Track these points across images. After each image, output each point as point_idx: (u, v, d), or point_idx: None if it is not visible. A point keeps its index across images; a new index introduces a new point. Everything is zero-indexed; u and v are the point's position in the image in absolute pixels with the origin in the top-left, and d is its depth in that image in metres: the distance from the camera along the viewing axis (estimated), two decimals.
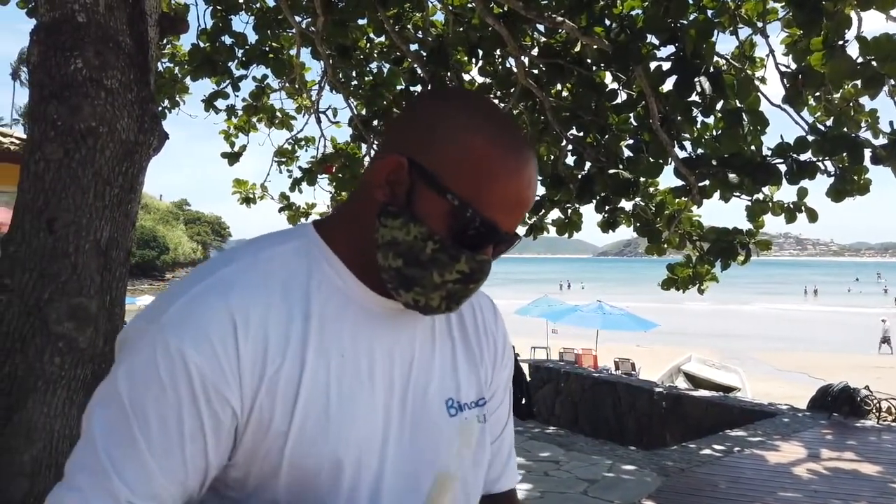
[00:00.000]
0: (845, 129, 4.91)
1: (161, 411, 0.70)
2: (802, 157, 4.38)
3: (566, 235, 6.77)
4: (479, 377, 0.92)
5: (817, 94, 5.18)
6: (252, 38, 6.34)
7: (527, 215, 6.31)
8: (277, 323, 0.75)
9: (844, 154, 4.30)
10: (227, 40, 6.27)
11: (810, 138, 4.35)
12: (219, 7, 6.09)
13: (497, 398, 0.98)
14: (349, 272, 0.82)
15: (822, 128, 4.67)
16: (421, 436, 0.84)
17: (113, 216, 2.67)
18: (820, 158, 4.39)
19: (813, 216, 4.95)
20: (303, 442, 0.75)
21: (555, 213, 6.68)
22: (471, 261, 0.77)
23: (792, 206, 5.05)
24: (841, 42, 3.72)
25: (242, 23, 13.16)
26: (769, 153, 4.48)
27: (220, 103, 7.20)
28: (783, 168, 4.38)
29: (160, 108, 7.01)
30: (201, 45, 6.28)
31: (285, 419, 0.74)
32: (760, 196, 5.08)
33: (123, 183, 2.69)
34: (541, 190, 6.08)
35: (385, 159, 0.78)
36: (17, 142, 8.52)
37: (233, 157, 8.00)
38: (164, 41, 6.00)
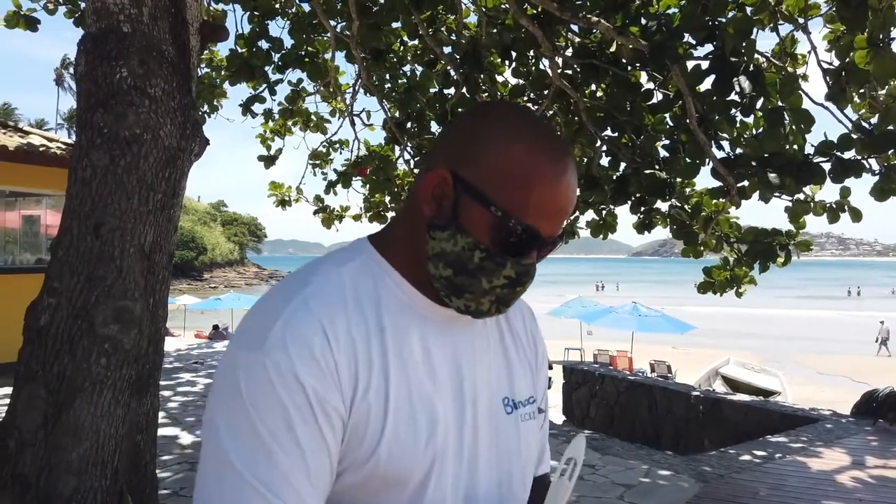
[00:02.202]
0: (891, 127, 4.76)
1: (291, 430, 0.74)
2: (846, 156, 4.27)
3: (600, 237, 6.70)
4: (529, 377, 0.99)
5: (861, 90, 5.04)
6: (288, 42, 6.43)
7: None
8: (359, 335, 0.80)
9: (891, 151, 4.18)
10: (264, 45, 6.37)
11: (855, 136, 4.23)
12: (256, 12, 6.19)
13: (539, 397, 1.04)
14: (408, 284, 0.87)
15: (867, 125, 4.54)
16: (484, 435, 0.88)
17: (156, 221, 2.74)
18: (865, 157, 4.27)
19: (857, 216, 4.80)
20: (397, 447, 0.80)
21: (589, 215, 6.63)
22: (516, 266, 0.81)
23: (835, 205, 4.91)
24: (887, 39, 3.61)
25: (279, 27, 13.36)
26: (812, 152, 4.37)
27: (257, 107, 7.33)
28: (827, 167, 4.27)
29: (200, 114, 7.14)
30: (239, 50, 6.39)
31: (378, 425, 0.79)
32: (802, 196, 4.96)
33: (166, 188, 2.76)
34: None
35: (429, 174, 0.83)
36: (63, 146, 8.79)
37: (269, 161, 8.12)
38: (204, 48, 6.12)
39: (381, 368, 0.80)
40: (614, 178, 5.71)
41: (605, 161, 5.91)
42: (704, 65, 4.20)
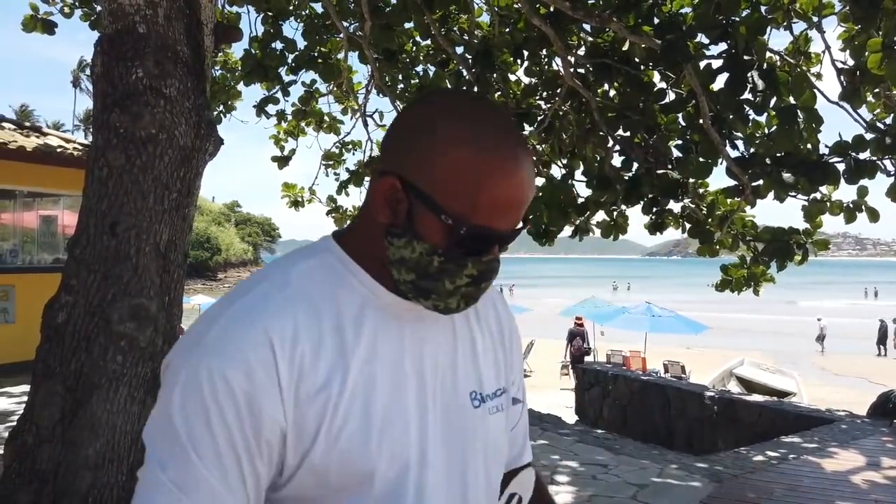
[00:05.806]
0: None
1: (214, 437, 0.74)
2: (861, 156, 4.23)
3: (611, 238, 6.68)
4: (499, 367, 0.98)
5: (876, 90, 5.00)
6: (301, 43, 6.48)
7: (572, 217, 6.30)
8: (309, 337, 0.79)
9: None
10: (278, 46, 6.41)
11: (869, 136, 4.20)
12: (269, 14, 6.24)
13: (516, 384, 1.03)
14: (373, 281, 0.86)
15: (882, 125, 4.51)
16: (452, 430, 0.88)
17: (171, 220, 2.77)
18: (879, 157, 4.24)
19: (874, 216, 4.76)
20: (351, 447, 0.79)
21: (600, 215, 6.60)
22: (478, 264, 0.81)
23: (852, 205, 4.87)
24: None
25: (292, 29, 13.42)
26: (826, 152, 4.34)
27: (271, 108, 7.37)
28: (841, 167, 4.24)
29: (214, 114, 7.20)
30: (252, 51, 6.44)
31: (334, 423, 0.78)
32: (818, 195, 4.92)
33: (181, 188, 2.79)
34: (586, 192, 6.03)
35: (380, 181, 0.81)
36: (80, 147, 8.90)
37: (282, 161, 8.17)
38: (218, 49, 6.17)
39: (335, 368, 0.79)
40: (627, 178, 5.69)
41: (617, 161, 5.89)
42: (717, 63, 4.18)
